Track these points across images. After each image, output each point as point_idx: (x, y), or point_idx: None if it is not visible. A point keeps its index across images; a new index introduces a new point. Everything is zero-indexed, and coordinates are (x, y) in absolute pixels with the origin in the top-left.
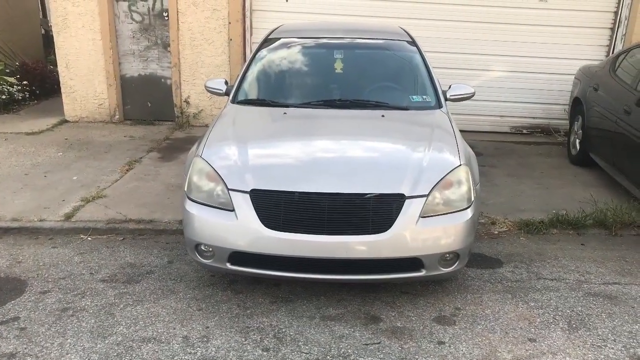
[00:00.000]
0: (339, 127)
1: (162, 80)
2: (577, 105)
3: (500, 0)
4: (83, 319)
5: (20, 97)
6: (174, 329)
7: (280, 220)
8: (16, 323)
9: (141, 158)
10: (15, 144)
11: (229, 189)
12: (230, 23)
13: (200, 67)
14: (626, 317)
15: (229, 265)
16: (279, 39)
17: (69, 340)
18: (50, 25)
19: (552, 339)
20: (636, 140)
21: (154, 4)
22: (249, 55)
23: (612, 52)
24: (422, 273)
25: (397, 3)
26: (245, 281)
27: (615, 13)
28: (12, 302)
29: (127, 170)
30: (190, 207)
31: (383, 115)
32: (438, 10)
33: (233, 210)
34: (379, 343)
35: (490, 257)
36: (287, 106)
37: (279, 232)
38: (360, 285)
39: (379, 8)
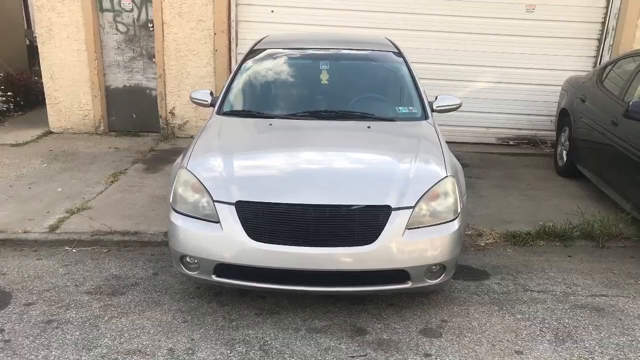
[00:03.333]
0: (325, 138)
1: (147, 91)
2: (564, 117)
3: (487, 11)
4: (68, 331)
5: (4, 109)
6: (159, 341)
7: (266, 232)
8: (0, 335)
9: (126, 169)
10: None
11: (214, 201)
12: (215, 34)
13: (185, 78)
14: (613, 329)
15: (214, 277)
16: (265, 49)
17: (53, 353)
18: (35, 36)
19: (539, 352)
20: (623, 152)
21: (139, 15)
22: (234, 66)
23: (600, 63)
24: (409, 285)
25: (383, 14)
26: (230, 293)
27: (603, 24)
28: None
29: (112, 182)
30: (176, 218)
31: (369, 127)
32: (424, 21)
33: (218, 222)
34: (365, 355)
35: (477, 269)
36: (272, 117)
37: (264, 244)
38: (346, 297)
39: (365, 19)
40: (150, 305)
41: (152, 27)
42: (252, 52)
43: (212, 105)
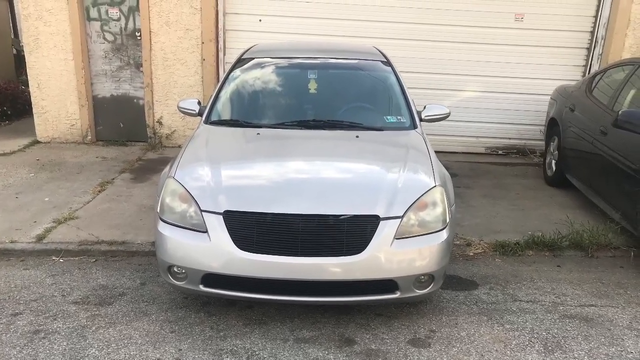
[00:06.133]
0: (313, 148)
1: (135, 100)
2: (553, 126)
3: (476, 20)
4: (55, 342)
5: None
6: (147, 351)
7: (253, 242)
8: None
9: (113, 179)
10: None
11: (202, 210)
12: (203, 43)
13: (173, 87)
14: (602, 340)
15: (202, 287)
16: (253, 59)
17: None
18: (22, 45)
19: None
20: (612, 162)
21: (126, 24)
22: (222, 76)
23: (589, 72)
24: (397, 295)
25: (371, 23)
26: (218, 303)
27: (592, 33)
28: None
29: (99, 192)
30: (163, 228)
31: (357, 136)
32: (413, 30)
33: (206, 231)
34: None
35: (466, 279)
36: (260, 127)
37: (252, 253)
38: (334, 307)
39: (353, 28)
40: (137, 315)
41: (140, 36)
42: (240, 61)
43: (200, 114)
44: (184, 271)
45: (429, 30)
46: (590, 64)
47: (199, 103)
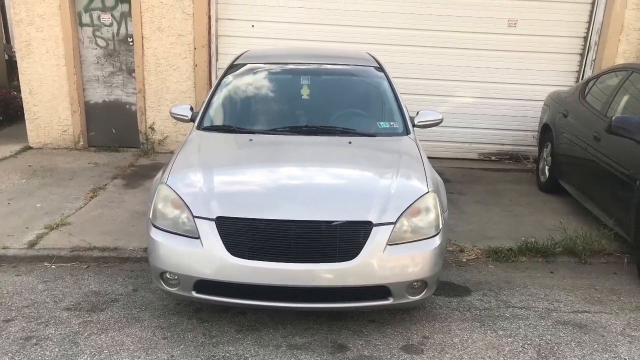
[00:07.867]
0: (305, 154)
1: (127, 106)
2: (546, 132)
3: (469, 26)
4: (47, 348)
5: None
6: (139, 357)
7: (246, 248)
8: None
9: (106, 185)
10: None
11: (194, 217)
12: (195, 49)
13: (165, 93)
14: (596, 346)
15: (194, 294)
16: (245, 64)
17: None
18: (14, 51)
19: None
20: (606, 167)
21: (118, 30)
22: (214, 81)
23: (582, 78)
24: (390, 301)
25: (364, 28)
26: (211, 309)
27: (585, 39)
28: None
29: (91, 198)
30: (155, 234)
31: (350, 142)
32: (406, 36)
33: (198, 237)
34: None
35: (459, 285)
36: (253, 133)
37: (245, 260)
38: (327, 313)
39: (346, 33)
40: (130, 321)
41: (132, 41)
42: (233, 67)
43: (192, 120)
44: (176, 277)
45: (422, 36)
46: (584, 70)
47: (192, 109)
